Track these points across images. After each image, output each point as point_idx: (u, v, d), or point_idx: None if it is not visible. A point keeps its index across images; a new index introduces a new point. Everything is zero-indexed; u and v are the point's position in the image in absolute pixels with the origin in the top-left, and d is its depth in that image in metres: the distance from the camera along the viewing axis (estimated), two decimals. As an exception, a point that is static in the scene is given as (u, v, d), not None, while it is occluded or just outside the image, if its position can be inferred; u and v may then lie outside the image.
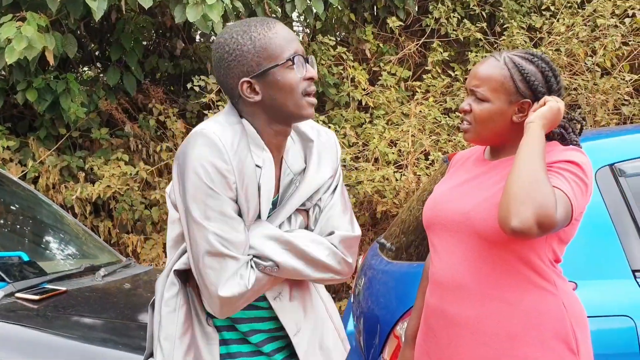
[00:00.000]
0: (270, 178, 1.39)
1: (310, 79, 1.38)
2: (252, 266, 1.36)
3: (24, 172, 4.56)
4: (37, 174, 4.60)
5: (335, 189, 1.49)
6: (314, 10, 4.59)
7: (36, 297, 2.24)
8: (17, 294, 2.24)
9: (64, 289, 2.36)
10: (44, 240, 3.16)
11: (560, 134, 1.56)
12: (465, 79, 5.40)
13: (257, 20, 1.39)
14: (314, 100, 1.39)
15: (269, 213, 1.42)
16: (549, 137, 1.57)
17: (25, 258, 2.52)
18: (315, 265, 1.40)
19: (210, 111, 4.69)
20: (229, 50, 1.35)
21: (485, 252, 1.49)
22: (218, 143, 1.31)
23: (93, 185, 4.50)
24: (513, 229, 1.33)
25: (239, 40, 1.35)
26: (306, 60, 1.38)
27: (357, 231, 1.49)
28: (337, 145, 1.54)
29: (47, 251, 3.05)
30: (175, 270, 1.39)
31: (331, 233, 1.45)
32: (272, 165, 1.39)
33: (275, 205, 1.43)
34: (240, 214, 1.35)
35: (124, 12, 4.17)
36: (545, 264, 1.49)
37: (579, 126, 1.61)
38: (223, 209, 1.31)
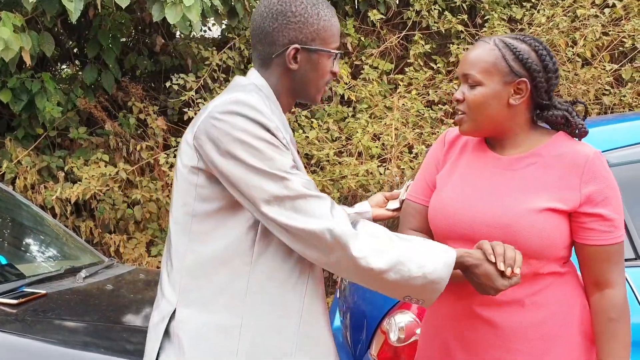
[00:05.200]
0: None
1: (334, 74, 1.46)
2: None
3: (2, 173, 4.47)
4: (14, 175, 4.52)
5: None
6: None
7: (15, 302, 2.18)
8: (-5, 299, 2.19)
9: (43, 292, 2.30)
10: (22, 242, 3.08)
11: (564, 116, 1.47)
12: (448, 71, 5.36)
13: (324, 1, 1.44)
14: (326, 89, 1.49)
15: None
16: (553, 124, 1.50)
17: (3, 261, 2.46)
18: None
19: (191, 109, 4.63)
20: (295, 12, 1.40)
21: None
22: (258, 106, 1.31)
23: (73, 185, 4.43)
24: None
25: (308, 9, 1.40)
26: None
27: None
28: None
29: (26, 254, 2.98)
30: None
31: None
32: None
33: None
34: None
35: (99, 10, 4.08)
36: (563, 266, 1.47)
37: (581, 108, 1.53)
38: (288, 160, 1.31)
